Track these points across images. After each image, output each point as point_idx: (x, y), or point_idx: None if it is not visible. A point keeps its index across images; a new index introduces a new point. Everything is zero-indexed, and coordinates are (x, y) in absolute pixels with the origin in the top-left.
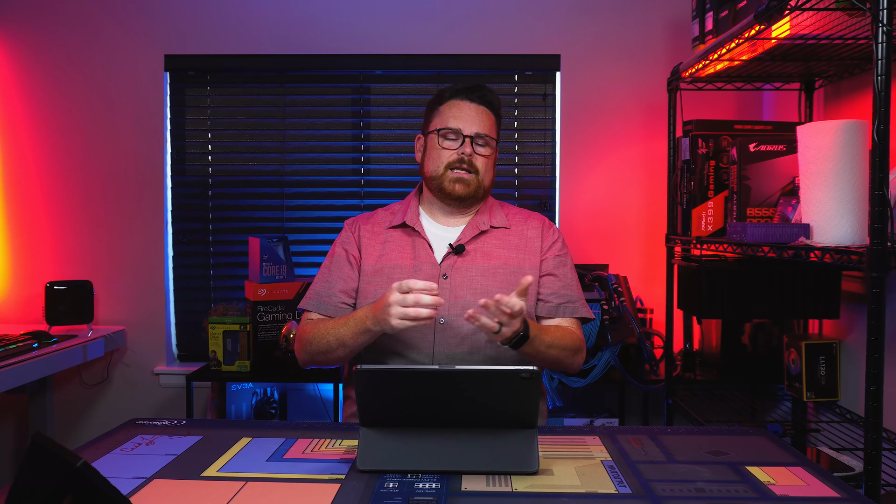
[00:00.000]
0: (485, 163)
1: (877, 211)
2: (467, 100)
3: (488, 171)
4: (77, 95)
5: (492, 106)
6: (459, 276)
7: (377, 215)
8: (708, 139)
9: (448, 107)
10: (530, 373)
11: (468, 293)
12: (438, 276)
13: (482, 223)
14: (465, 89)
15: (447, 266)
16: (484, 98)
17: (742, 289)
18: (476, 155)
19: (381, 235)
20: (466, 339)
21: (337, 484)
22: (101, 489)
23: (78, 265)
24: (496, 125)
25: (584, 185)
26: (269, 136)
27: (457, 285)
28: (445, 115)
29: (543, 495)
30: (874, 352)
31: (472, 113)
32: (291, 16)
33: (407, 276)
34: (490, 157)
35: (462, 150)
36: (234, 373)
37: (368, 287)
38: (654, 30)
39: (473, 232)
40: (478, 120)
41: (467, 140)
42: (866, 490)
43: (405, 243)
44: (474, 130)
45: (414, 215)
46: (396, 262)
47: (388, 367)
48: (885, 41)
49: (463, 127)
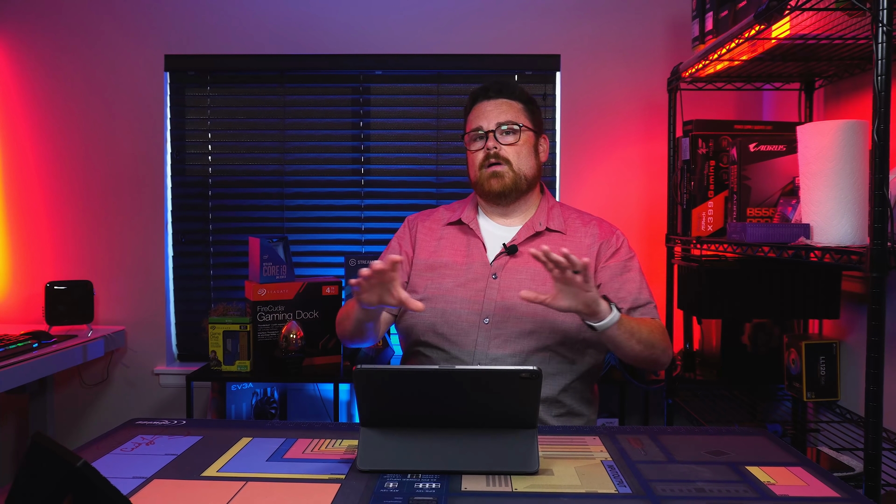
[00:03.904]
0: (515, 151)
1: (877, 211)
2: (484, 99)
3: (523, 158)
4: (77, 95)
5: (513, 95)
6: (509, 277)
7: (437, 212)
8: (708, 139)
9: (472, 113)
10: (530, 373)
11: (515, 295)
12: (488, 276)
13: (538, 224)
14: (482, 89)
15: (498, 266)
16: (502, 91)
17: (742, 289)
18: (501, 146)
19: (437, 232)
20: (510, 341)
21: (337, 484)
22: (101, 489)
23: (78, 265)
24: (524, 112)
25: (583, 185)
26: (269, 136)
27: (505, 286)
28: (470, 120)
29: (543, 495)
30: (874, 352)
31: (491, 108)
32: (291, 16)
33: (458, 273)
34: (519, 144)
35: (486, 146)
36: (234, 373)
37: (419, 281)
38: (653, 30)
39: (528, 233)
40: (496, 112)
41: (490, 135)
42: (866, 490)
43: (460, 241)
44: (494, 123)
45: (471, 213)
46: (448, 259)
47: (388, 367)
48: (885, 41)
49: (483, 124)
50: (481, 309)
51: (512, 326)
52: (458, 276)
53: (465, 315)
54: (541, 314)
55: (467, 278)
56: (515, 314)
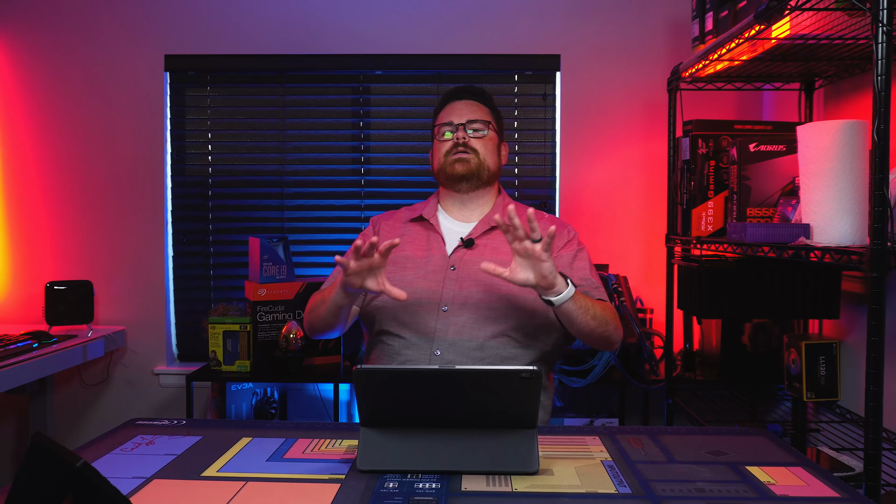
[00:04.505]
0: (482, 144)
1: (877, 211)
2: (456, 99)
3: (489, 153)
4: (77, 95)
5: (481, 98)
6: (466, 269)
7: (399, 212)
8: (708, 139)
9: (443, 110)
10: (530, 373)
11: (473, 285)
12: (447, 268)
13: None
14: (455, 90)
15: (456, 258)
16: (471, 93)
17: (742, 289)
18: (470, 138)
19: (399, 229)
20: (466, 327)
21: (337, 484)
22: (101, 489)
23: (78, 265)
24: (492, 116)
25: (584, 185)
26: (269, 136)
27: (463, 276)
28: (441, 116)
29: (543, 495)
30: (874, 352)
31: (462, 106)
32: (291, 16)
33: (419, 266)
34: (487, 138)
35: (457, 136)
36: (234, 373)
37: None
38: (654, 30)
39: (485, 227)
40: (468, 110)
41: (460, 127)
42: (866, 490)
43: (421, 236)
44: (465, 118)
45: (431, 210)
46: (409, 253)
47: (388, 367)
48: (885, 41)
49: (455, 119)
50: (440, 299)
51: (469, 314)
52: (419, 268)
53: (425, 304)
54: (496, 302)
55: (427, 270)
56: (472, 302)
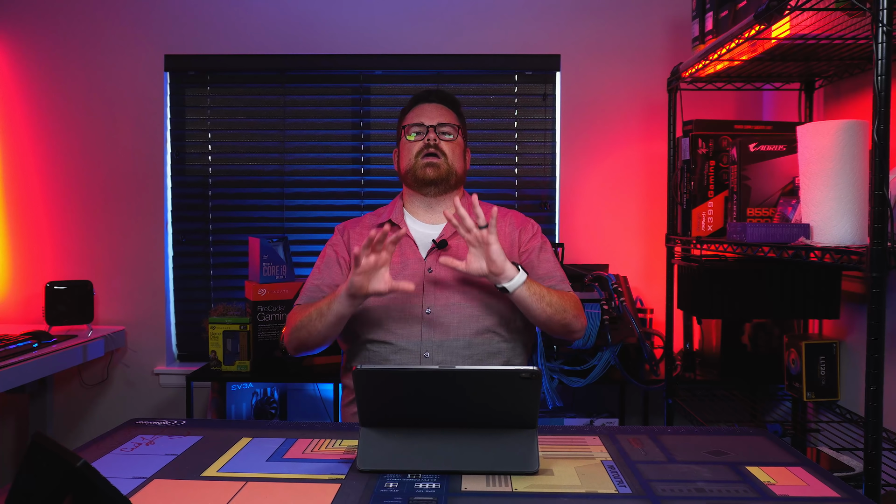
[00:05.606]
0: (451, 148)
1: (877, 211)
2: (425, 102)
3: (457, 158)
4: (77, 95)
5: (448, 103)
6: (443, 270)
7: (365, 219)
8: (708, 139)
9: (412, 112)
10: (530, 373)
11: (452, 285)
12: (424, 271)
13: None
14: (425, 93)
15: (431, 260)
16: (440, 97)
17: (742, 289)
18: (441, 141)
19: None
20: (452, 327)
21: (337, 484)
22: (101, 489)
23: (78, 265)
24: (459, 121)
25: (584, 185)
26: (269, 136)
27: (441, 277)
28: (409, 117)
29: (543, 495)
30: (874, 352)
31: (432, 109)
32: (291, 16)
33: (395, 271)
34: (456, 143)
35: (427, 138)
36: (234, 373)
37: None
38: (653, 30)
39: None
40: (437, 113)
41: (430, 129)
42: (866, 490)
43: None
44: (436, 121)
45: (399, 214)
46: None
47: (388, 367)
48: (885, 41)
49: (425, 120)
50: (422, 302)
51: (452, 313)
52: (396, 273)
53: (407, 308)
54: (476, 300)
55: (405, 275)
56: (454, 302)
